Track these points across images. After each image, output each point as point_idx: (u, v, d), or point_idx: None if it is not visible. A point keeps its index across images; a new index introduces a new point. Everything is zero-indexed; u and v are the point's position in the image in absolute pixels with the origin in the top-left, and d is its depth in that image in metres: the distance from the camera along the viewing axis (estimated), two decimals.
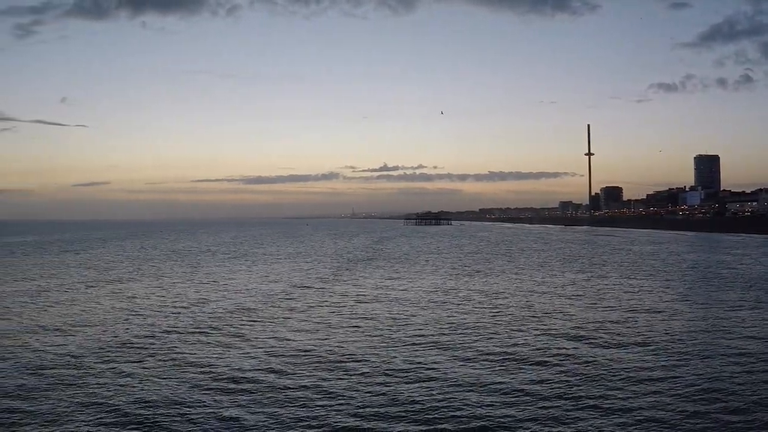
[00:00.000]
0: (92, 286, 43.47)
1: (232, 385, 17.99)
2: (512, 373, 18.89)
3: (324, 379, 18.46)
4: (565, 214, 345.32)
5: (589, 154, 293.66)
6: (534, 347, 22.56)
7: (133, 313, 31.36)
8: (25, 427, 14.65)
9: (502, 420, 14.79)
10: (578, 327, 26.49)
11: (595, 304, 33.47)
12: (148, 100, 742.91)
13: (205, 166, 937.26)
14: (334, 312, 31.47)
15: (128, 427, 14.60)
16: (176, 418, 15.11)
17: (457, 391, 17.02)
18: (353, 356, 21.45)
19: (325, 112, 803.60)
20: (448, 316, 29.57)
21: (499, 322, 27.83)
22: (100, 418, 15.18)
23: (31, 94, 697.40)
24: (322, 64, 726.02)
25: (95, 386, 17.82)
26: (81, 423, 14.83)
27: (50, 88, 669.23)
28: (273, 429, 14.51)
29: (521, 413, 15.25)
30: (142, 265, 63.31)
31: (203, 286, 43.59)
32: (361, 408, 15.75)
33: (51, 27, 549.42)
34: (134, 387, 17.76)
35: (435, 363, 20.24)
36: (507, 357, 21.00)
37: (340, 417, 15.13)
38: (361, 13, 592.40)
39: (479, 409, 15.57)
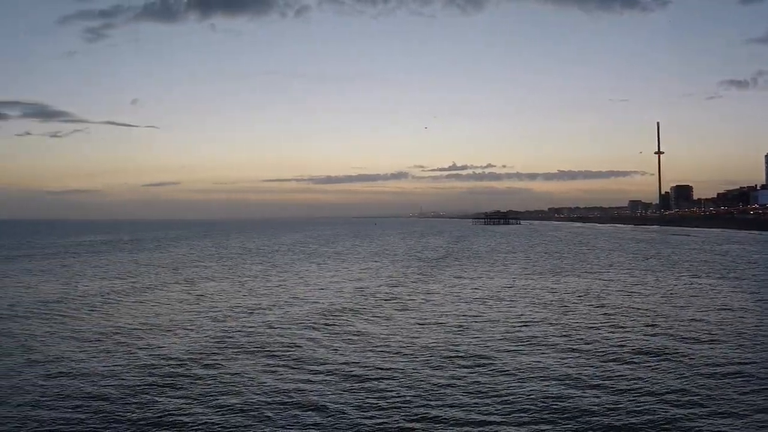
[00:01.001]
0: (179, 284, 43.52)
1: (356, 384, 17.28)
2: (611, 370, 18.67)
3: (459, 378, 17.78)
4: (634, 214, 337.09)
5: (659, 152, 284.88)
6: (640, 344, 22.02)
7: (235, 310, 30.97)
8: (138, 427, 14.19)
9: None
10: (660, 324, 25.87)
11: (679, 303, 32.17)
12: (217, 101, 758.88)
13: (274, 166, 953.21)
14: (436, 310, 30.74)
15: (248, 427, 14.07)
16: (298, 415, 14.70)
17: (574, 389, 16.67)
18: (477, 354, 20.73)
19: (394, 111, 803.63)
20: (550, 315, 28.65)
21: (604, 321, 26.72)
22: (211, 417, 14.67)
23: (102, 96, 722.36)
24: (391, 63, 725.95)
25: (212, 385, 17.36)
26: (193, 422, 14.38)
27: (121, 90, 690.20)
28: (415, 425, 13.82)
29: (625, 406, 15.22)
30: (225, 263, 63.69)
31: (292, 284, 43.00)
32: (507, 406, 15.11)
33: (121, 30, 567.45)
34: (251, 384, 17.37)
35: (561, 363, 19.31)
36: (608, 354, 20.69)
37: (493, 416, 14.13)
38: (429, 12, 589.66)
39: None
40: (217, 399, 16.05)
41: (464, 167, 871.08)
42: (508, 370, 18.57)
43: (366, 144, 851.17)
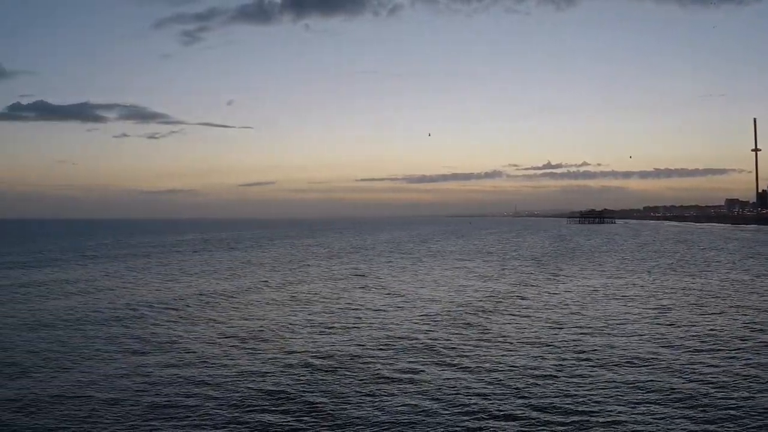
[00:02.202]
0: (300, 283, 43.72)
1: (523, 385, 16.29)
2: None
3: (626, 381, 16.43)
4: (731, 213, 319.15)
5: (756, 149, 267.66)
6: None
7: (368, 308, 30.62)
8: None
9: None
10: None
11: None
12: (311, 101, 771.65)
13: (369, 166, 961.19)
14: (573, 309, 29.67)
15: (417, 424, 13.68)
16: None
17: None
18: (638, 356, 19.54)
19: (489, 109, 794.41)
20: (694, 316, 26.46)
21: None
22: (378, 416, 14.08)
23: (198, 98, 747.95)
24: (485, 61, 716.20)
25: (370, 383, 16.85)
26: (361, 421, 13.98)
27: (216, 91, 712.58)
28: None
29: None
30: (338, 261, 63.56)
31: (414, 283, 42.41)
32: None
33: (216, 33, 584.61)
34: (410, 383, 16.87)
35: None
36: None
37: None
38: (523, 9, 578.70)
39: None
40: (383, 398, 15.54)
41: (559, 165, 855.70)
42: (673, 370, 17.78)
43: (460, 143, 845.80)
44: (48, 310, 30.31)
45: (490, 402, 15.12)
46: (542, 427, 13.43)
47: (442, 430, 13.38)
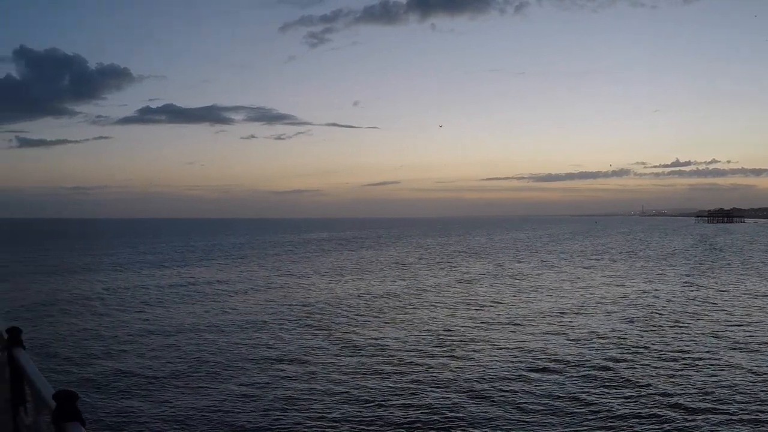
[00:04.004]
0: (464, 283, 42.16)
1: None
2: None
3: None
4: None
5: None
6: None
7: (556, 310, 29.53)
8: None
9: None
10: None
11: None
12: (437, 101, 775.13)
13: (495, 164, 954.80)
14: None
15: None
16: None
17: None
18: None
19: (616, 106, 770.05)
20: None
21: None
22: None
23: (325, 99, 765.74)
24: (611, 56, 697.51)
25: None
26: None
27: (342, 92, 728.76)
28: None
29: None
30: (483, 258, 62.12)
31: (578, 281, 40.86)
32: None
33: (342, 34, 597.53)
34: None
35: None
36: None
37: None
38: (650, 2, 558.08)
39: None
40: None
41: (687, 163, 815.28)
42: None
43: (587, 140, 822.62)
44: (238, 309, 31.20)
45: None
46: None
47: None
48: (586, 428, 13.29)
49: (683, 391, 15.73)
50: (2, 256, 67.62)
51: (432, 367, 18.50)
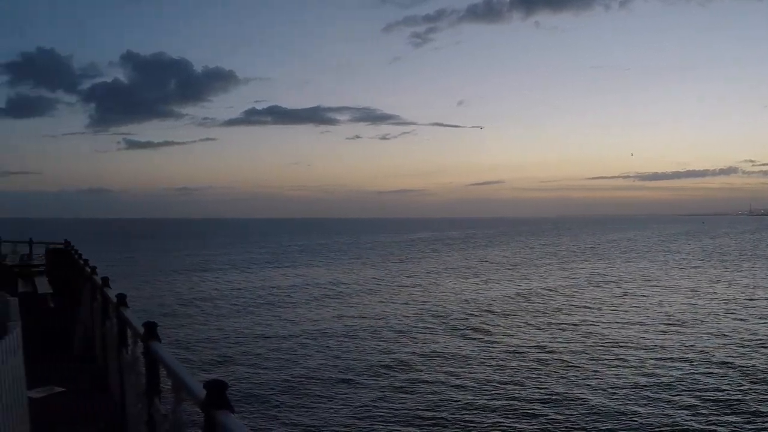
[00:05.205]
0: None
1: None
2: None
3: None
4: None
5: None
6: None
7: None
8: None
9: None
10: None
11: None
12: (540, 99, 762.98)
13: (599, 163, 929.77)
14: None
15: None
16: None
17: None
18: None
19: (724, 102, 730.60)
20: None
21: None
22: None
23: (429, 99, 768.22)
24: (719, 51, 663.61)
25: None
26: None
27: (447, 91, 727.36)
28: None
29: None
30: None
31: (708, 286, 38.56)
32: None
33: (446, 33, 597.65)
34: None
35: None
36: None
37: None
38: None
39: None
40: None
41: None
42: None
43: (693, 137, 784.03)
44: (367, 310, 31.08)
45: None
46: None
47: None
48: None
49: None
50: (123, 255, 70.55)
51: (589, 372, 17.77)
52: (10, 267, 19.11)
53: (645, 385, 16.15)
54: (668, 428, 13.09)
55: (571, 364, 18.60)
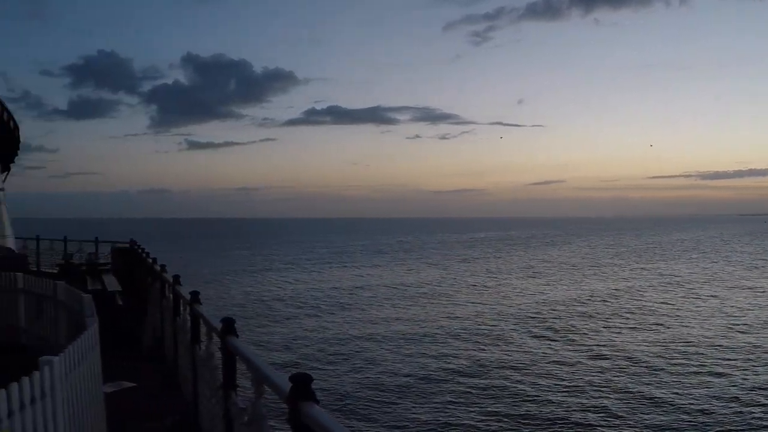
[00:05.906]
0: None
1: None
2: None
3: None
4: None
5: None
6: None
7: None
8: None
9: None
10: None
11: None
12: (601, 97, 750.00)
13: (660, 162, 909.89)
14: None
15: None
16: None
17: None
18: None
19: None
20: None
21: None
22: None
23: (489, 98, 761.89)
24: None
25: None
26: None
27: (506, 90, 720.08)
28: None
29: None
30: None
31: None
32: None
33: (505, 31, 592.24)
34: None
35: None
36: None
37: None
38: None
39: None
40: None
41: None
42: None
43: (756, 136, 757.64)
44: (448, 312, 30.73)
45: None
46: None
47: None
48: None
49: None
50: (184, 254, 71.40)
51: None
52: (78, 265, 19.61)
53: (729, 386, 16.00)
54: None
55: (654, 367, 18.43)
